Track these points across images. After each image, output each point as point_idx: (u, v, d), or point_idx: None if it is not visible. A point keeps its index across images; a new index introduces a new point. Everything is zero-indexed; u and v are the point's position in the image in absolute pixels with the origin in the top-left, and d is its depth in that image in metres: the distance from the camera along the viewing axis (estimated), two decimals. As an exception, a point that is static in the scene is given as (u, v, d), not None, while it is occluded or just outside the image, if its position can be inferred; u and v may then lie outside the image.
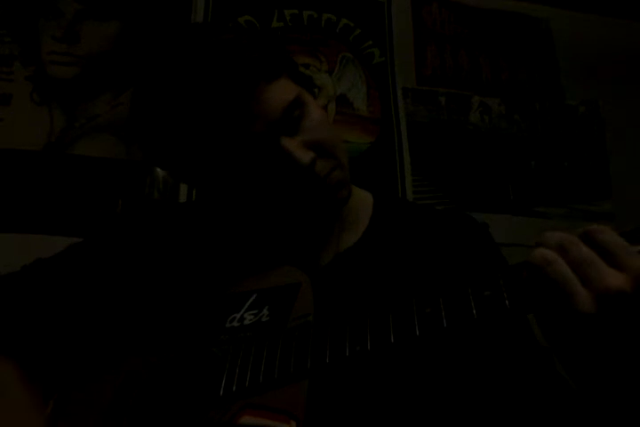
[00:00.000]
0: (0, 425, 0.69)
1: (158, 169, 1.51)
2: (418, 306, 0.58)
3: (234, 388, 0.62)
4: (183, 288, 0.78)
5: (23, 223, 1.37)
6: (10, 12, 1.53)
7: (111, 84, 1.54)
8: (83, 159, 1.47)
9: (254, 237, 0.84)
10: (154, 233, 0.87)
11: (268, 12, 1.74)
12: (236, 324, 0.68)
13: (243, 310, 0.69)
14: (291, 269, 0.72)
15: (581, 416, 0.64)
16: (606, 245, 0.51)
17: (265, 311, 0.68)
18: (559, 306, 0.50)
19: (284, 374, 0.60)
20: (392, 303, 0.60)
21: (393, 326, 0.58)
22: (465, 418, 0.72)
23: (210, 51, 0.69)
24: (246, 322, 0.67)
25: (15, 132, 1.44)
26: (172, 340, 0.71)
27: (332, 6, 1.82)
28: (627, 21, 2.10)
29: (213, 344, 0.67)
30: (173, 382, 0.66)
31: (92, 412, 0.68)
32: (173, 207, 1.11)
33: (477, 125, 1.85)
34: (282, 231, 0.83)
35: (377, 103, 1.77)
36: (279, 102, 0.71)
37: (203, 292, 0.75)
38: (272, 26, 1.73)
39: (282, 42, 1.67)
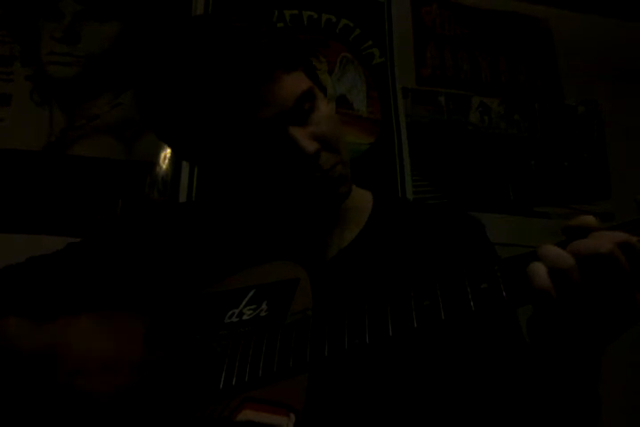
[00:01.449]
0: None
1: (158, 169, 1.51)
2: (416, 299, 0.58)
3: (233, 382, 0.62)
4: (182, 284, 0.78)
5: (23, 223, 1.38)
6: (10, 13, 1.53)
7: (111, 85, 1.54)
8: (83, 159, 1.47)
9: (254, 233, 0.84)
10: (153, 231, 0.87)
11: (268, 12, 1.75)
12: (234, 319, 0.68)
13: (241, 306, 0.69)
14: (289, 264, 0.72)
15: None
16: None
17: (264, 306, 0.68)
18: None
19: (283, 368, 0.61)
20: (390, 296, 0.60)
21: (391, 318, 0.58)
22: (463, 413, 0.72)
23: (231, 37, 0.71)
24: (245, 317, 0.68)
25: (15, 132, 1.45)
26: (172, 336, 0.71)
27: (332, 7, 1.82)
28: (627, 21, 2.10)
29: (212, 340, 0.68)
30: (173, 376, 0.67)
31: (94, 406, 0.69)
32: (173, 206, 1.12)
33: (477, 126, 1.85)
34: (283, 226, 0.84)
35: (377, 103, 1.77)
36: (293, 92, 0.72)
37: (200, 287, 0.75)
38: (272, 26, 1.73)
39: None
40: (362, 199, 0.89)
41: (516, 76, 1.95)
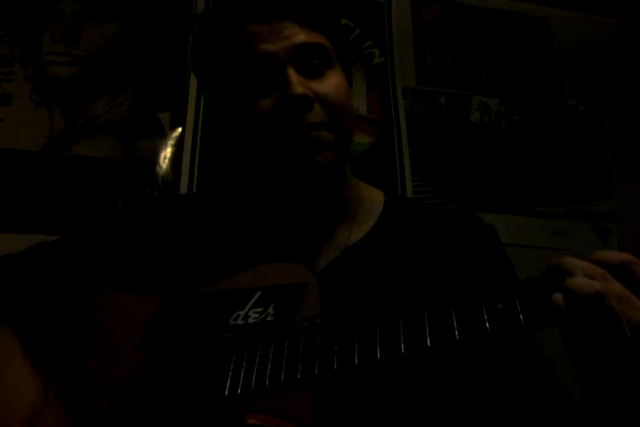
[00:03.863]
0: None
1: (158, 169, 1.51)
2: (429, 315, 0.56)
3: (239, 390, 0.60)
4: (183, 281, 0.76)
5: (23, 223, 1.37)
6: (10, 13, 1.52)
7: (111, 85, 1.54)
8: (82, 159, 1.47)
9: (256, 229, 0.83)
10: (154, 224, 0.86)
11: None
12: (240, 322, 0.66)
13: (247, 308, 0.67)
14: (297, 266, 0.71)
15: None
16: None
17: (270, 310, 0.66)
18: (599, 334, 0.50)
19: (290, 380, 0.58)
20: (402, 309, 0.58)
21: (403, 335, 0.56)
22: None
23: None
24: (251, 320, 0.66)
25: (15, 132, 1.44)
26: (176, 334, 0.70)
27: (332, 6, 1.81)
28: (627, 21, 2.10)
29: (218, 342, 0.66)
30: (177, 380, 0.65)
31: (93, 410, 0.68)
32: (174, 199, 1.10)
33: (477, 125, 1.85)
34: (286, 221, 0.82)
35: (377, 103, 1.77)
36: (305, 38, 0.74)
37: (203, 285, 0.74)
38: (272, 26, 1.73)
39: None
40: (373, 198, 0.87)
41: (516, 76, 1.95)
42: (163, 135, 1.54)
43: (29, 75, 1.49)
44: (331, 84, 0.75)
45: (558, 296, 0.50)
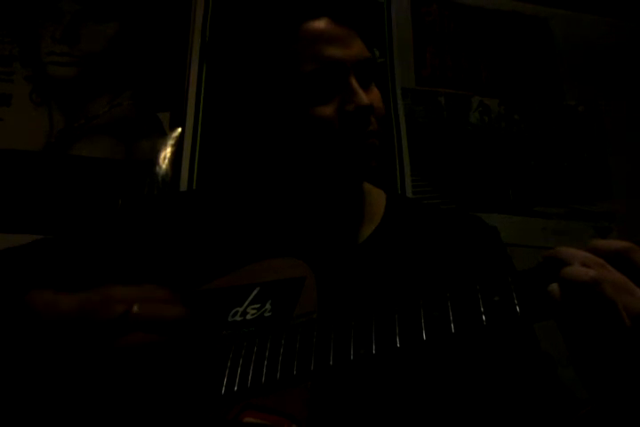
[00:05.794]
0: None
1: (158, 169, 1.51)
2: (425, 308, 0.56)
3: (235, 388, 0.60)
4: (183, 278, 0.76)
5: (23, 223, 1.37)
6: (10, 13, 1.53)
7: (111, 85, 1.54)
8: (82, 159, 1.47)
9: (260, 225, 0.83)
10: (154, 222, 0.86)
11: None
12: (238, 318, 0.67)
13: (245, 304, 0.68)
14: (294, 261, 0.71)
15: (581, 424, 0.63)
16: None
17: (268, 306, 0.66)
18: (597, 323, 0.49)
19: (286, 376, 0.58)
20: (398, 304, 0.58)
21: (399, 329, 0.56)
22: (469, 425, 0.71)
23: None
24: (249, 317, 0.66)
25: (15, 132, 1.44)
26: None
27: (332, 7, 1.81)
28: (627, 21, 2.10)
29: (216, 340, 0.66)
30: (175, 378, 0.66)
31: (93, 405, 0.68)
32: (173, 196, 1.10)
33: (477, 126, 1.85)
34: (293, 217, 0.82)
35: (377, 103, 1.77)
36: (365, 51, 0.77)
37: (203, 281, 0.74)
38: (272, 26, 1.73)
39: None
40: (376, 197, 0.89)
41: (515, 77, 1.95)
42: (162, 135, 1.54)
43: (29, 75, 1.50)
44: (377, 95, 0.78)
45: (554, 286, 0.49)
